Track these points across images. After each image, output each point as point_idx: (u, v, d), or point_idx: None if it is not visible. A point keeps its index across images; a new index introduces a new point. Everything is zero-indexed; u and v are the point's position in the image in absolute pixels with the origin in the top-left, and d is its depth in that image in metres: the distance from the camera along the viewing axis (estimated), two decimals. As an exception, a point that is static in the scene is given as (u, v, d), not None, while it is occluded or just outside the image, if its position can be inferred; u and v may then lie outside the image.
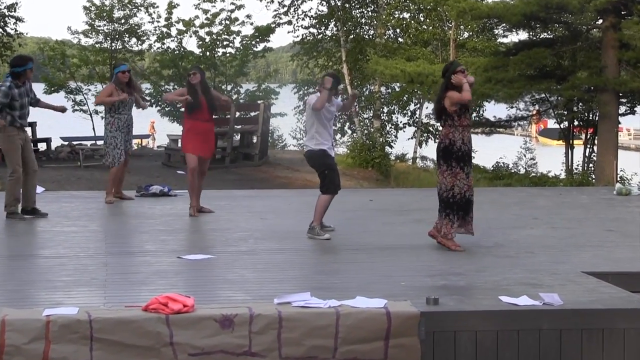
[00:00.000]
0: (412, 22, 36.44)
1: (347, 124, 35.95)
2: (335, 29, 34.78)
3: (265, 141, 27.55)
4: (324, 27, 35.09)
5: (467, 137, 10.09)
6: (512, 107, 30.09)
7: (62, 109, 13.58)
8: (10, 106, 11.96)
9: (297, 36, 35.41)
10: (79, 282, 8.37)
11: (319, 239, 10.66)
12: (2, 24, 30.25)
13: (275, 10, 34.28)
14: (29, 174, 12.24)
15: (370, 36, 35.95)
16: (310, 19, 34.86)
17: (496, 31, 33.23)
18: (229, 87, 32.39)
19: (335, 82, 10.97)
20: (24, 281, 8.52)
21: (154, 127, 38.56)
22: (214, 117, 13.05)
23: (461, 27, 35.34)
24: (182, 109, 13.88)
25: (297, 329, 6.91)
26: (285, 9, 34.40)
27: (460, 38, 35.85)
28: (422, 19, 36.83)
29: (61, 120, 14.43)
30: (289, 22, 34.58)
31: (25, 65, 12.13)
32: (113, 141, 13.55)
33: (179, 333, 6.79)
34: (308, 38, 35.14)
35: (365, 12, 35.66)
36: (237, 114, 26.46)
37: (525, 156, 32.15)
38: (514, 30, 29.15)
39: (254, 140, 26.35)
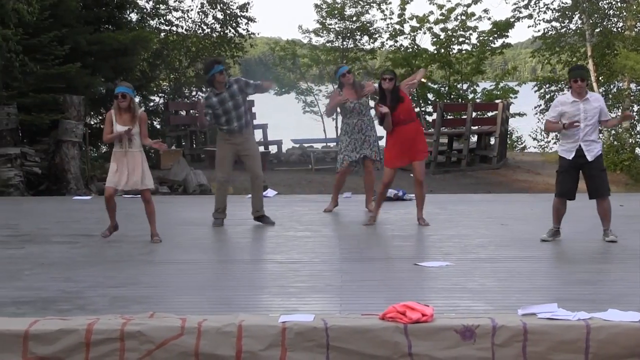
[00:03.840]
0: (667, 12, 35.11)
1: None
2: (580, 22, 33.98)
3: (504, 143, 27.27)
4: (567, 21, 34.34)
5: None
6: None
7: (270, 86, 13.05)
8: (214, 115, 12.24)
9: (538, 31, 34.80)
10: (314, 289, 8.54)
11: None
12: (234, 24, 31.29)
13: (514, 4, 33.82)
14: (251, 181, 12.53)
15: (619, 29, 34.89)
16: (552, 12, 34.20)
17: None
18: (464, 86, 32.25)
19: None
20: (258, 287, 8.77)
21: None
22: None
23: None
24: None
25: (543, 343, 6.79)
26: (526, 1, 33.88)
27: None
28: (677, 8, 35.43)
29: (292, 122, 14.83)
30: (530, 16, 34.02)
31: (210, 71, 12.15)
32: (339, 145, 13.69)
33: (418, 344, 6.81)
34: (550, 32, 34.46)
35: (613, 3, 34.65)
36: (474, 114, 26.32)
37: None
38: None
39: (492, 142, 26.12)
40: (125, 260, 10.06)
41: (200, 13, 31.27)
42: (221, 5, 31.10)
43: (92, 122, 25.05)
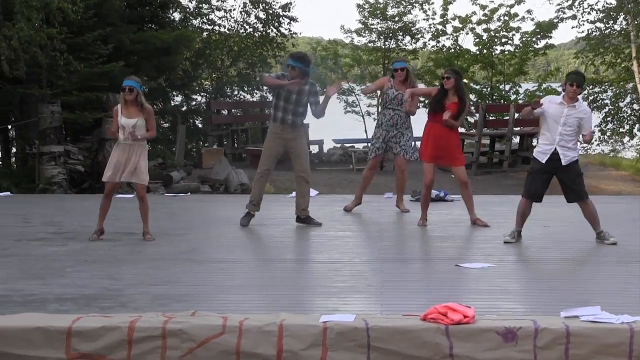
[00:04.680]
0: None
1: (637, 125, 34.73)
2: (624, 23, 33.64)
3: (546, 144, 27.09)
4: (612, 22, 33.99)
5: None
6: None
7: (336, 88, 12.79)
8: (276, 96, 12.17)
9: (582, 31, 34.50)
10: (354, 289, 8.54)
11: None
12: (276, 24, 31.34)
13: (558, 5, 33.51)
14: (296, 177, 12.44)
15: (664, 30, 34.56)
16: (597, 13, 33.87)
17: None
18: (507, 87, 32.06)
19: None
20: (299, 286, 8.78)
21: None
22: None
23: None
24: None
25: (586, 346, 6.75)
26: (570, 2, 33.59)
27: None
28: None
29: (334, 122, 14.79)
30: (573, 17, 33.67)
31: (287, 61, 12.32)
32: (373, 137, 13.64)
33: (459, 345, 6.79)
34: (594, 33, 34.15)
35: (659, 3, 34.31)
36: (516, 115, 26.17)
37: None
38: None
39: (534, 143, 25.95)
40: (166, 258, 10.10)
41: (243, 12, 31.34)
42: (263, 4, 31.16)
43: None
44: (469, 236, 11.70)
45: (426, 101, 16.64)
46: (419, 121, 13.67)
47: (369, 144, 13.68)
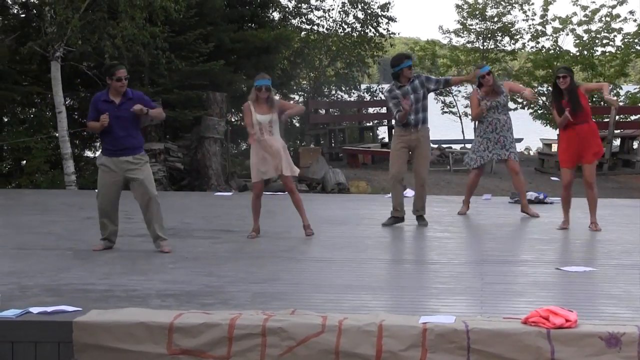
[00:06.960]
0: None
1: None
2: None
3: (648, 147, 26.60)
4: None
5: None
6: None
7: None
8: (395, 105, 12.19)
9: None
10: (454, 290, 8.46)
11: None
12: (374, 24, 31.35)
13: (661, 5, 33.01)
14: (415, 180, 12.45)
15: None
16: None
17: None
18: (607, 89, 31.58)
19: None
20: (398, 286, 8.74)
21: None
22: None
23: None
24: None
25: (691, 353, 6.60)
26: (673, 2, 33.04)
27: None
28: None
29: (431, 122, 14.60)
30: (677, 17, 33.19)
31: (398, 65, 12.19)
32: (473, 145, 13.50)
33: (561, 349, 6.68)
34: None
35: None
36: (617, 117, 25.76)
37: None
38: None
39: (635, 146, 25.52)
40: (266, 256, 10.15)
41: (341, 12, 31.45)
42: (362, 4, 31.19)
43: (234, 120, 25.42)
44: (570, 239, 11.51)
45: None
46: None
47: (471, 152, 13.42)
